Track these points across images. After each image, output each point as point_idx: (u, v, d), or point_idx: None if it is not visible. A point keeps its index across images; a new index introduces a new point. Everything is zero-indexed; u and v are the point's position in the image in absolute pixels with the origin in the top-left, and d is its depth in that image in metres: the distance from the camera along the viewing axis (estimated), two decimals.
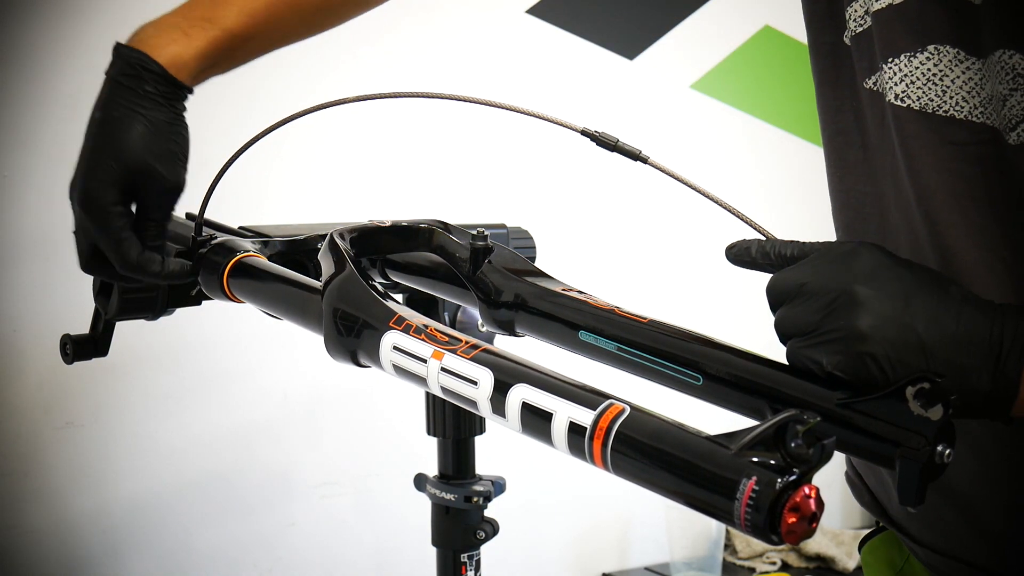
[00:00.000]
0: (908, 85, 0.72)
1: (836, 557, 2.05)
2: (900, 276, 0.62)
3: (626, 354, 0.73)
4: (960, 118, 0.71)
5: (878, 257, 0.63)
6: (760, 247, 0.68)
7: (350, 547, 1.78)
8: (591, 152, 0.85)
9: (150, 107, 0.87)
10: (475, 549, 1.14)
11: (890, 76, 0.73)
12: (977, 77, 0.70)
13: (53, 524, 1.53)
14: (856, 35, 0.78)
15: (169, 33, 0.89)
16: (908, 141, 0.73)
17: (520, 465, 1.57)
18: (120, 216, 0.86)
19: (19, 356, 1.50)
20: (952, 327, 0.61)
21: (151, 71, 0.88)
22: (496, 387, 0.64)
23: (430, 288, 0.95)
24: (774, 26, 2.24)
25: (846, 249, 0.64)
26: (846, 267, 0.62)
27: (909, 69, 0.72)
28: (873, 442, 0.60)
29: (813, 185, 2.39)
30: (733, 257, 0.70)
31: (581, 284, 0.83)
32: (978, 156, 0.71)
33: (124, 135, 0.86)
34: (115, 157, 0.86)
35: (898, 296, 0.61)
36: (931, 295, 0.61)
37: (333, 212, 1.63)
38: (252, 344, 1.66)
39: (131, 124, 0.86)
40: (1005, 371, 0.60)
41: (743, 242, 0.70)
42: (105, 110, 0.88)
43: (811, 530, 0.52)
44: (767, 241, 0.69)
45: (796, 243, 0.67)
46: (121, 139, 0.86)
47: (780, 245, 0.68)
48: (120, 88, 0.88)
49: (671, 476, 0.55)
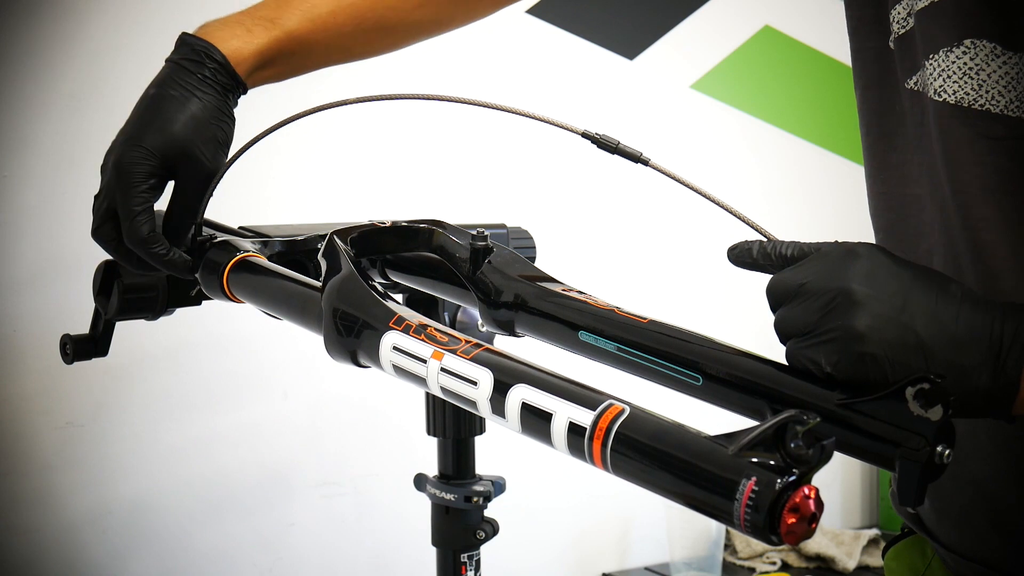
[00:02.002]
0: (945, 80, 0.73)
1: (836, 557, 2.05)
2: (899, 275, 0.62)
3: (626, 354, 0.73)
4: (996, 112, 0.71)
5: (877, 257, 0.63)
6: (761, 248, 0.69)
7: (350, 547, 1.78)
8: (591, 153, 0.85)
9: (206, 91, 0.89)
10: (475, 549, 1.14)
11: (930, 72, 0.74)
12: (1014, 71, 0.70)
13: (53, 524, 1.53)
14: (899, 37, 0.78)
15: (232, 29, 0.92)
16: (944, 136, 0.74)
17: (520, 465, 1.57)
18: (148, 188, 0.87)
19: (19, 356, 1.50)
20: (951, 326, 0.61)
21: (213, 59, 0.90)
22: (496, 387, 0.64)
23: (430, 288, 0.95)
24: (774, 26, 2.24)
25: (845, 249, 0.64)
26: (844, 267, 0.62)
27: (946, 64, 0.72)
28: (873, 443, 0.60)
29: (813, 185, 2.41)
30: (734, 258, 0.70)
31: (581, 284, 0.83)
32: (1014, 150, 0.71)
33: (176, 112, 0.88)
34: (161, 130, 0.88)
35: (896, 295, 0.61)
36: (930, 294, 0.61)
37: (333, 212, 1.63)
38: (252, 344, 1.66)
39: (185, 104, 0.89)
40: (1005, 370, 0.60)
41: (744, 243, 0.70)
42: (161, 87, 0.90)
43: (811, 530, 0.52)
44: (768, 242, 0.69)
45: (796, 244, 0.67)
46: (172, 116, 0.88)
47: (780, 246, 0.68)
48: (180, 70, 0.90)
49: (671, 476, 0.55)
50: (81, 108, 1.52)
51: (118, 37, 1.55)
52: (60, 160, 1.52)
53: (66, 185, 1.52)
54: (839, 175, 2.31)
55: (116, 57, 1.54)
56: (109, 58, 1.54)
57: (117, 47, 1.55)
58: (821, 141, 2.30)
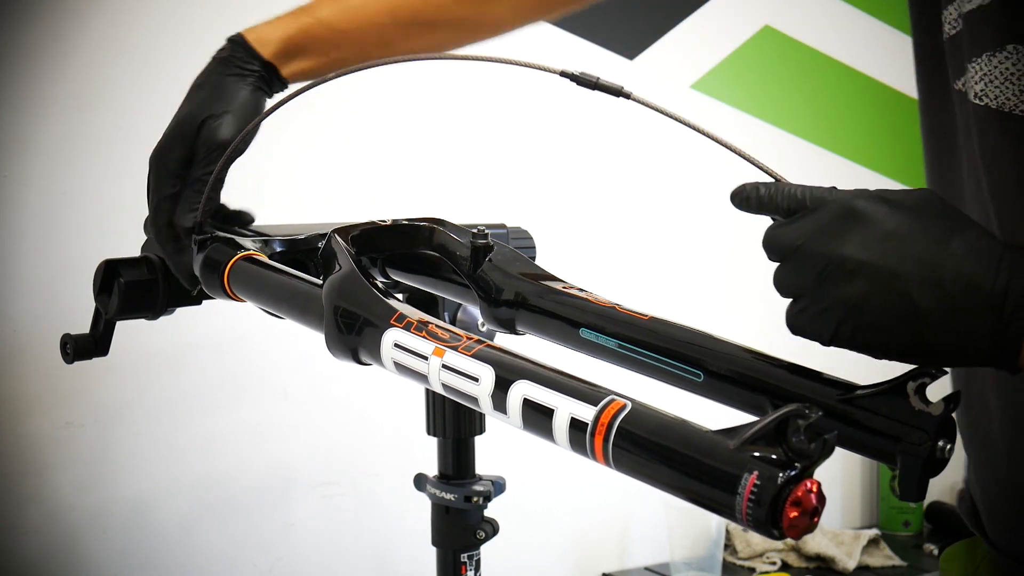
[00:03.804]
0: (987, 84, 0.72)
1: (836, 557, 2.05)
2: (894, 235, 0.60)
3: (627, 351, 0.73)
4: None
5: (873, 214, 0.61)
6: (759, 195, 0.66)
7: (350, 547, 1.77)
8: (591, 152, 0.85)
9: (221, 71, 0.93)
10: (475, 549, 1.14)
11: (973, 74, 0.74)
12: None
13: (53, 524, 1.53)
14: (949, 37, 0.78)
15: (268, 20, 0.97)
16: (985, 140, 0.73)
17: (520, 465, 1.57)
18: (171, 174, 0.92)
19: (19, 356, 1.50)
20: (948, 289, 0.58)
21: (235, 42, 0.94)
22: (497, 384, 0.64)
23: (430, 287, 0.95)
24: (774, 26, 2.24)
25: (843, 207, 0.62)
26: (838, 230, 0.61)
27: (989, 68, 0.72)
28: (874, 438, 0.60)
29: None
30: (737, 203, 0.68)
31: (581, 282, 0.83)
32: None
33: (192, 95, 0.93)
34: (178, 115, 0.93)
35: (890, 260, 0.59)
36: (928, 254, 0.59)
37: (333, 211, 1.63)
38: (252, 344, 1.66)
39: (200, 85, 0.94)
40: (1007, 332, 0.58)
41: (745, 187, 0.67)
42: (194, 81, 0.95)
43: (813, 524, 0.52)
44: (766, 186, 0.67)
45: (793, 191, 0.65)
46: (189, 99, 0.93)
47: (778, 195, 0.65)
48: (211, 62, 0.95)
49: (673, 471, 0.55)
50: (81, 108, 1.52)
51: (118, 37, 1.55)
52: (60, 160, 1.52)
53: (66, 185, 1.52)
54: (839, 175, 2.31)
55: (116, 57, 1.54)
56: (109, 58, 1.54)
57: (117, 47, 1.55)
58: (821, 141, 2.30)
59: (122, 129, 1.51)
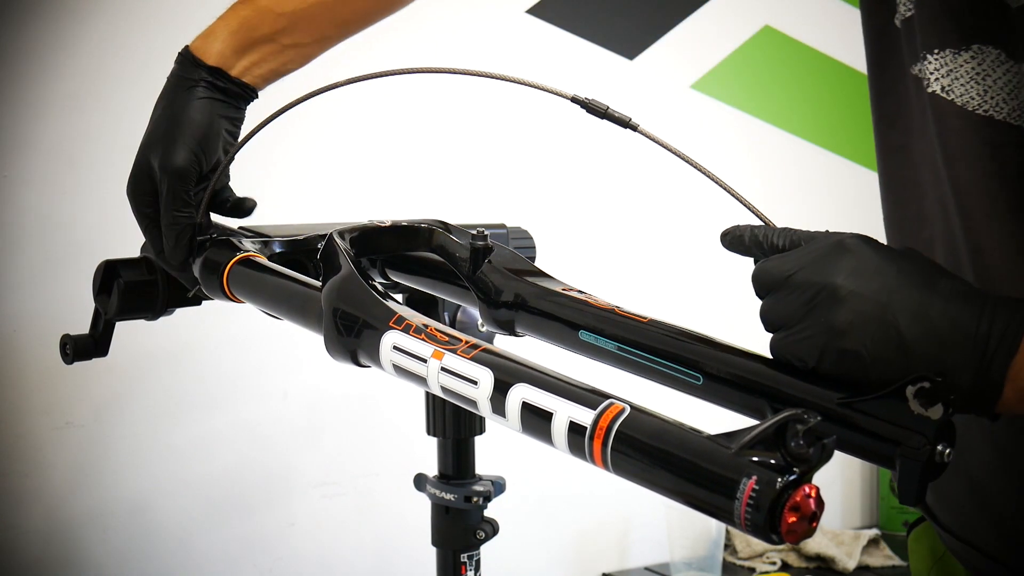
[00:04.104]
0: (953, 80, 0.72)
1: (836, 557, 2.05)
2: (885, 271, 0.61)
3: (626, 354, 0.73)
4: (999, 119, 0.71)
5: (865, 250, 0.62)
6: (753, 234, 0.68)
7: (350, 547, 1.78)
8: (592, 153, 0.85)
9: (173, 89, 0.91)
10: (475, 549, 1.14)
11: (935, 68, 0.73)
12: (1015, 80, 0.70)
13: (53, 524, 1.53)
14: (905, 19, 0.78)
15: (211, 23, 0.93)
16: (947, 135, 0.74)
17: (520, 465, 1.57)
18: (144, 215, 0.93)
19: (19, 356, 1.50)
20: (935, 324, 0.60)
21: (181, 55, 0.92)
22: (496, 387, 0.64)
23: (430, 288, 0.95)
24: (774, 26, 2.24)
25: (834, 242, 0.63)
26: (831, 261, 0.62)
27: (955, 64, 0.72)
28: (873, 441, 0.60)
29: (813, 185, 2.41)
30: (727, 243, 0.70)
31: (581, 284, 0.83)
32: (1014, 159, 0.71)
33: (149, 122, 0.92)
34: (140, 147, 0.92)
35: (881, 292, 0.60)
36: (916, 290, 0.61)
37: (333, 212, 1.63)
38: (252, 344, 1.66)
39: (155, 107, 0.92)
40: (989, 372, 0.59)
41: (737, 228, 0.69)
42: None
43: (811, 529, 0.52)
44: (760, 228, 0.68)
45: (788, 232, 0.67)
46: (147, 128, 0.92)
47: (772, 234, 0.67)
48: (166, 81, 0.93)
49: (671, 476, 0.55)
50: (81, 108, 1.52)
51: (118, 37, 1.55)
52: (60, 160, 1.52)
53: (66, 185, 1.52)
54: (839, 175, 2.31)
55: (116, 57, 1.54)
56: (109, 58, 1.54)
57: (117, 47, 1.55)
58: (821, 141, 2.30)
59: (122, 129, 1.51)
